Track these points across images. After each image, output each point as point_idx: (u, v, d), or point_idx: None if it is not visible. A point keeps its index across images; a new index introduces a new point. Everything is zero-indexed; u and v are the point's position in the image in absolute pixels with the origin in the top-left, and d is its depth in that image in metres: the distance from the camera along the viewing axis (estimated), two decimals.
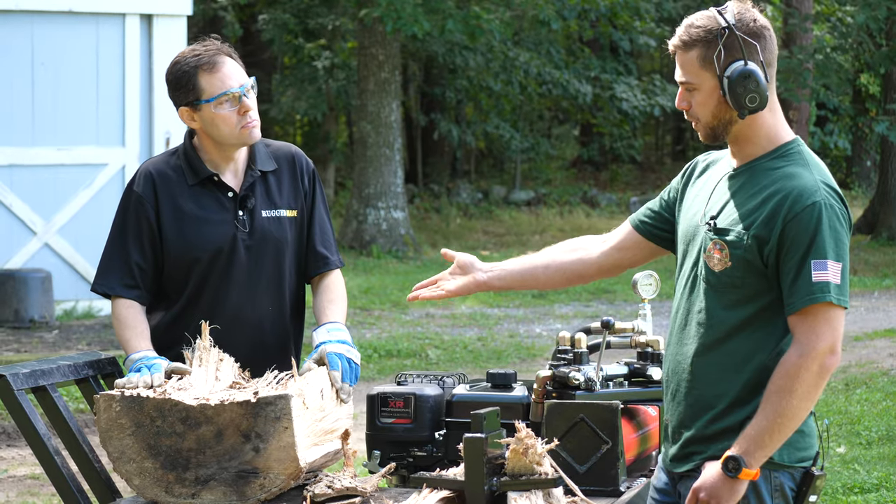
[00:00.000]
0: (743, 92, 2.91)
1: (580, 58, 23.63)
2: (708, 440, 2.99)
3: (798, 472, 2.98)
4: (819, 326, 2.85)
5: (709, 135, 3.03)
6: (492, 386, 3.63)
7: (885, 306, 12.86)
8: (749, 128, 2.99)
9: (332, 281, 3.76)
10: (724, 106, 2.95)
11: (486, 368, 9.53)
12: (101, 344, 10.06)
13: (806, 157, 2.97)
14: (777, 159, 2.97)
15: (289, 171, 3.74)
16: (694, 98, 2.99)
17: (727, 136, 3.02)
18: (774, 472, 2.95)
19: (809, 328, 2.86)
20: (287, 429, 3.12)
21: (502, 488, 2.81)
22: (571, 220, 20.88)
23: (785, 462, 2.96)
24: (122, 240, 3.63)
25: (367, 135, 16.57)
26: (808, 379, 2.85)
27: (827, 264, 2.85)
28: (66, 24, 11.14)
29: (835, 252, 2.87)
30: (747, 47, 2.92)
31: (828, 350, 2.85)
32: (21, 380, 3.32)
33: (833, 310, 2.86)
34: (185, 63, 3.56)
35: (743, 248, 2.92)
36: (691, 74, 2.97)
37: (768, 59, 2.95)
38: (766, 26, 2.97)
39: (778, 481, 2.96)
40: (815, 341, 2.85)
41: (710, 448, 2.98)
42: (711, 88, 2.95)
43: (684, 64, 2.98)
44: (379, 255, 15.91)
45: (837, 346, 2.87)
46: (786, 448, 2.94)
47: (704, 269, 3.00)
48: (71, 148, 11.19)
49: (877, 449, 7.06)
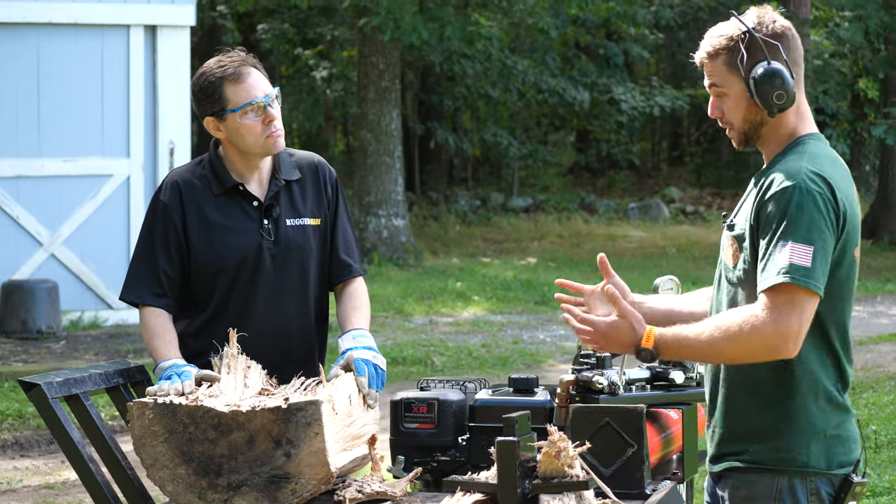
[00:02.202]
0: (770, 90, 2.96)
1: (576, 65, 23.71)
2: (739, 440, 3.04)
3: (837, 478, 2.99)
4: (785, 306, 2.85)
5: (741, 140, 3.09)
6: (514, 391, 3.66)
7: (889, 311, 12.91)
8: (776, 129, 3.05)
9: (355, 288, 3.81)
10: (754, 108, 3.01)
11: (491, 375, 9.58)
12: (108, 354, 10.09)
13: (807, 148, 3.00)
14: (786, 153, 3.03)
15: (312, 181, 3.79)
16: (725, 104, 3.06)
17: (758, 139, 3.07)
18: (812, 478, 2.97)
19: (776, 306, 2.85)
20: (318, 434, 3.16)
21: (535, 491, 2.86)
22: (570, 227, 20.93)
23: (822, 469, 2.98)
24: (149, 248, 3.68)
25: (368, 143, 16.62)
26: (755, 345, 2.86)
27: (791, 245, 2.86)
28: (71, 36, 11.19)
29: (804, 234, 2.86)
30: (769, 48, 2.98)
31: (789, 334, 2.84)
32: (55, 388, 3.37)
33: (797, 292, 2.85)
34: (211, 74, 3.61)
35: (746, 239, 2.98)
36: (720, 80, 3.04)
37: (793, 58, 3.01)
38: (787, 27, 3.04)
39: (814, 485, 2.98)
40: (782, 319, 2.84)
41: (740, 445, 3.02)
42: (740, 92, 3.02)
43: (712, 72, 3.05)
44: (380, 263, 15.95)
45: (798, 335, 2.85)
46: (824, 454, 2.97)
47: (723, 266, 3.09)
48: (76, 159, 11.24)
49: (886, 453, 7.10)
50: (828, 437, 2.98)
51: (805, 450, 2.97)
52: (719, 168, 25.41)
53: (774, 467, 2.98)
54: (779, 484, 2.98)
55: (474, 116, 23.68)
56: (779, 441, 2.98)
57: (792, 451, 2.97)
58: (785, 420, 2.97)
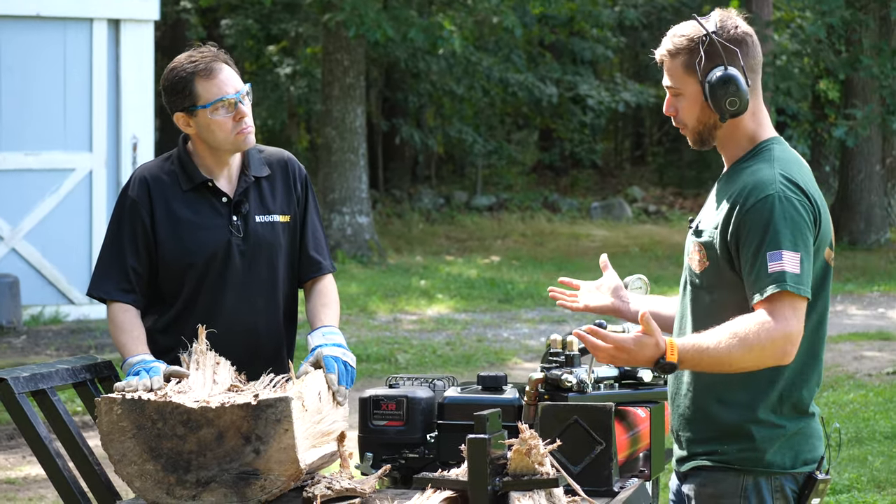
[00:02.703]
0: (723, 96, 2.99)
1: (541, 63, 23.76)
2: (707, 441, 3.07)
3: (802, 475, 3.04)
4: (787, 312, 2.89)
5: (696, 140, 3.11)
6: (483, 388, 3.67)
7: (848, 310, 13.05)
8: (732, 132, 3.08)
9: (325, 285, 3.81)
10: (708, 110, 3.04)
11: (455, 372, 9.59)
12: (70, 349, 10.03)
13: (774, 154, 3.03)
14: (750, 159, 3.05)
15: (282, 177, 3.78)
16: (679, 103, 3.08)
17: (713, 140, 3.10)
18: (776, 475, 3.01)
19: (779, 312, 2.89)
20: (287, 431, 3.16)
21: (505, 488, 2.87)
22: (533, 225, 20.98)
23: (787, 467, 3.02)
24: (117, 244, 3.66)
25: (332, 140, 16.59)
26: (768, 351, 2.88)
27: (781, 254, 2.89)
28: (33, 29, 11.10)
29: (790, 241, 2.90)
30: (728, 53, 3.00)
31: (794, 337, 2.89)
32: (21, 383, 3.35)
33: (793, 299, 2.89)
34: (182, 69, 3.60)
35: (715, 247, 3.00)
36: (677, 81, 3.07)
37: (750, 64, 3.03)
38: (748, 33, 3.06)
39: (779, 483, 3.02)
40: (787, 324, 2.88)
41: (709, 446, 3.05)
42: (695, 94, 3.04)
43: (670, 71, 3.08)
44: (344, 260, 15.93)
45: (798, 339, 2.90)
46: (790, 451, 3.01)
47: (689, 272, 3.11)
48: (38, 153, 11.15)
49: (846, 451, 7.18)
50: (793, 436, 3.02)
51: (771, 449, 3.01)
52: (681, 168, 25.55)
53: (741, 466, 3.02)
54: (744, 482, 3.02)
55: (438, 114, 23.69)
56: (747, 441, 3.02)
57: (758, 451, 3.01)
58: (752, 421, 3.00)
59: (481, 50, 21.80)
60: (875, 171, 18.02)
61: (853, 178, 18.09)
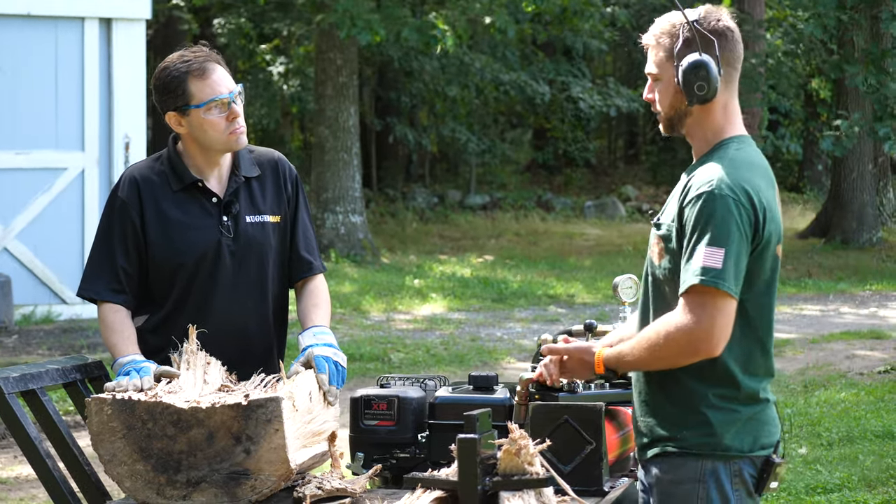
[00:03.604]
0: (693, 80, 3.08)
1: (534, 61, 23.76)
2: (665, 427, 3.13)
3: (759, 459, 3.11)
4: (696, 308, 2.98)
5: (667, 125, 3.21)
6: (474, 388, 3.67)
7: (840, 309, 13.06)
8: (699, 123, 3.16)
9: (315, 285, 3.81)
10: (680, 96, 3.13)
11: (448, 372, 9.59)
12: (62, 349, 10.02)
13: (728, 152, 3.10)
14: (709, 154, 3.14)
15: (272, 177, 3.78)
16: (657, 88, 3.19)
17: (682, 128, 3.19)
18: (734, 460, 3.09)
19: (689, 308, 2.98)
20: (278, 431, 3.16)
21: (495, 488, 2.87)
22: (527, 224, 20.99)
23: (745, 451, 3.10)
24: (107, 245, 3.65)
25: (325, 139, 16.58)
26: (673, 349, 3.00)
27: (705, 250, 2.97)
28: (24, 27, 11.08)
29: (718, 238, 2.97)
30: (704, 42, 3.09)
31: (703, 333, 2.97)
32: (11, 383, 3.34)
33: (709, 294, 2.97)
34: (175, 69, 3.59)
35: (671, 240, 3.09)
36: (657, 66, 3.17)
37: (727, 57, 3.12)
38: (729, 28, 3.14)
39: (737, 467, 3.09)
40: (694, 320, 2.97)
41: (669, 432, 3.12)
42: (670, 78, 3.14)
43: (652, 56, 3.18)
44: (337, 260, 15.93)
45: (714, 333, 2.97)
46: (746, 436, 3.09)
47: (650, 264, 3.20)
48: (30, 152, 11.14)
49: (838, 450, 7.19)
50: (749, 420, 3.10)
51: (728, 434, 3.08)
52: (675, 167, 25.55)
53: (699, 451, 3.09)
54: (703, 467, 3.09)
55: (432, 113, 23.68)
56: (705, 427, 3.09)
57: (716, 436, 3.08)
58: (708, 406, 3.08)
59: (474, 49, 21.81)
60: (867, 171, 18.05)
61: (845, 177, 18.10)
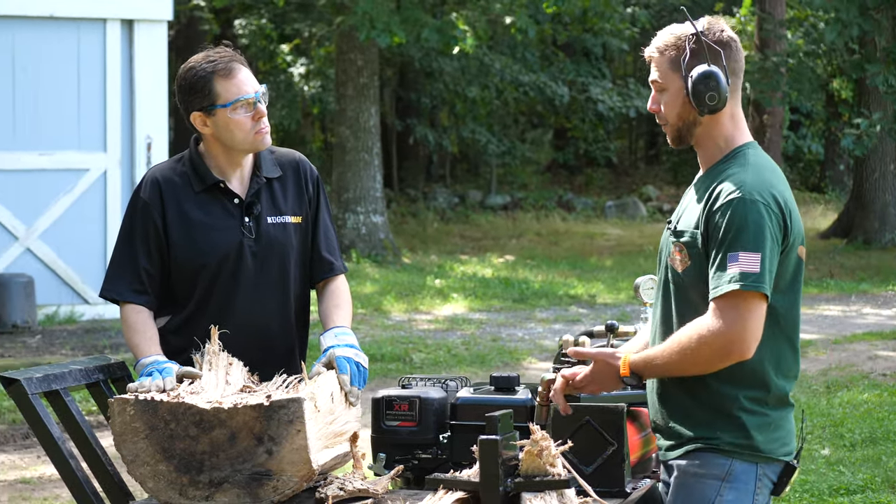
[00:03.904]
0: (704, 90, 3.12)
1: (554, 62, 23.73)
2: (699, 428, 3.15)
3: (781, 463, 3.17)
4: (731, 312, 3.01)
5: (675, 136, 3.25)
6: (495, 389, 3.67)
7: (862, 310, 13.00)
8: (709, 132, 3.21)
9: (337, 286, 3.81)
10: (689, 106, 3.17)
11: (469, 372, 9.59)
12: (84, 349, 10.06)
13: (748, 159, 3.16)
14: (727, 162, 3.19)
15: (293, 178, 3.78)
16: (663, 100, 3.22)
17: (691, 138, 3.23)
18: (762, 463, 3.14)
19: (724, 312, 3.02)
20: (300, 431, 3.16)
21: (517, 489, 2.87)
22: (548, 224, 20.97)
23: (774, 455, 3.15)
24: (129, 246, 3.67)
25: (346, 140, 16.60)
26: (707, 353, 3.03)
27: (740, 255, 3.02)
28: (47, 29, 11.14)
29: (753, 243, 3.03)
30: (712, 53, 3.15)
31: (738, 336, 3.01)
32: (34, 384, 3.36)
33: (745, 297, 3.01)
34: (201, 68, 3.60)
35: (696, 245, 3.12)
36: (662, 76, 3.21)
37: (732, 67, 3.18)
38: (733, 38, 3.23)
39: (763, 470, 3.15)
40: (729, 323, 3.01)
41: (701, 432, 3.14)
42: (678, 90, 3.18)
43: (656, 67, 3.22)
44: (358, 260, 15.94)
45: (748, 336, 3.02)
46: (776, 440, 3.15)
47: (671, 272, 3.21)
48: (52, 153, 11.19)
49: (861, 451, 7.16)
50: (777, 425, 3.15)
51: (760, 436, 3.13)
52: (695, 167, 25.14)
53: (731, 450, 3.13)
54: (732, 466, 3.13)
55: (452, 113, 23.68)
56: (739, 430, 3.12)
57: (751, 439, 3.13)
58: (741, 409, 3.11)
59: (494, 50, 21.79)
60: (889, 171, 17.97)
61: (867, 177, 18.03)
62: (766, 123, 17.62)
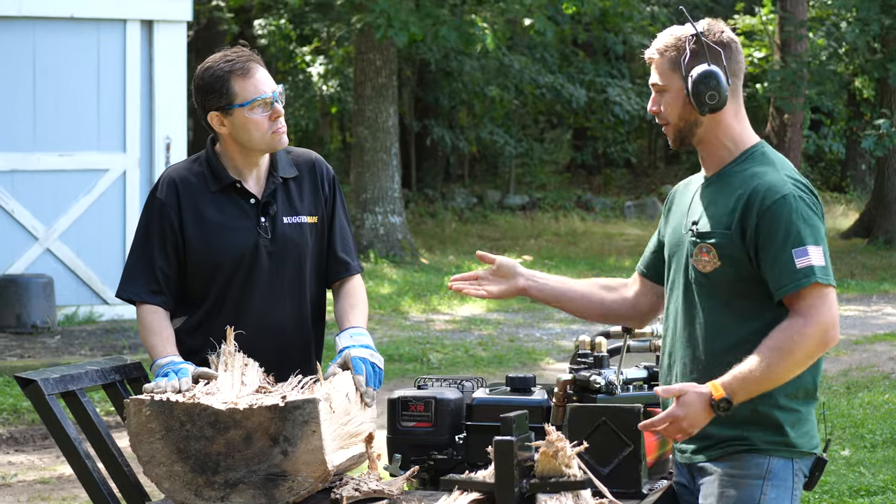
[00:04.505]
0: (704, 90, 3.14)
1: (574, 62, 23.70)
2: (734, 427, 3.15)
3: (813, 457, 3.21)
4: (817, 303, 3.06)
5: (676, 137, 3.26)
6: (511, 390, 3.67)
7: (883, 310, 12.93)
8: (713, 133, 3.22)
9: (352, 286, 3.80)
10: (689, 107, 3.19)
11: (487, 373, 9.58)
12: (104, 349, 10.09)
13: (769, 157, 3.21)
14: (743, 163, 3.20)
15: (309, 178, 3.78)
16: (664, 100, 3.23)
17: (693, 139, 3.24)
18: (797, 459, 3.17)
19: (809, 305, 3.06)
20: (315, 432, 3.16)
21: (532, 490, 2.86)
22: (566, 224, 20.94)
23: (806, 449, 3.18)
24: (145, 246, 3.67)
25: (365, 140, 16.61)
26: (809, 346, 3.06)
27: (807, 250, 3.07)
28: (67, 30, 11.17)
29: (812, 237, 3.09)
30: (712, 53, 3.17)
31: (830, 324, 3.06)
32: (51, 385, 3.36)
33: (823, 289, 3.07)
34: (218, 68, 3.60)
35: (729, 246, 3.12)
36: (663, 77, 3.22)
37: (732, 68, 3.20)
38: (733, 39, 3.25)
39: (798, 465, 3.18)
40: (818, 315, 3.06)
41: (736, 432, 3.15)
42: (678, 90, 3.20)
43: (657, 68, 3.24)
44: (377, 260, 15.95)
45: (836, 322, 3.08)
46: (807, 434, 3.18)
47: (695, 273, 3.20)
48: (72, 154, 11.22)
49: (881, 452, 7.12)
50: (807, 419, 3.19)
51: (794, 432, 3.16)
52: None
53: (767, 449, 3.15)
54: (770, 464, 3.15)
55: (471, 114, 23.67)
56: (773, 427, 3.15)
57: (785, 435, 3.16)
58: (776, 407, 3.13)
59: (513, 50, 21.77)
60: None
61: (889, 176, 17.94)
62: (787, 123, 17.54)
